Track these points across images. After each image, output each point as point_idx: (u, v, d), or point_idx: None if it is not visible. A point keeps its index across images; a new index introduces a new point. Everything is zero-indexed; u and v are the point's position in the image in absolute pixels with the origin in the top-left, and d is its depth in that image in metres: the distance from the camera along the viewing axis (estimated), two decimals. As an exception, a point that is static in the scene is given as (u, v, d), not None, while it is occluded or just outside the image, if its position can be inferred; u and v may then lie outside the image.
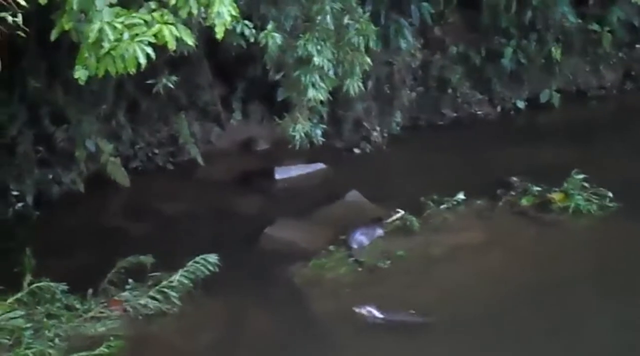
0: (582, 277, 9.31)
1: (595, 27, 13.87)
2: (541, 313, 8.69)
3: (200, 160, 12.30)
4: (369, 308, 8.72)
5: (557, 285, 9.10)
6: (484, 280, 9.23)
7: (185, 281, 8.89)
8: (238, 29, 8.60)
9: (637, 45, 14.42)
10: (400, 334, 8.56)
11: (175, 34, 6.94)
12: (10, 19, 6.83)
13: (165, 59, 9.35)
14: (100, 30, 6.69)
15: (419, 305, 8.81)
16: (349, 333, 8.65)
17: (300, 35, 9.24)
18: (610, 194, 10.46)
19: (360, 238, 9.99)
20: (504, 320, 8.55)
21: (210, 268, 8.92)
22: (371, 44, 9.75)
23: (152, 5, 7.05)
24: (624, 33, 14.14)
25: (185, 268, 8.93)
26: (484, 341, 8.32)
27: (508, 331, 8.42)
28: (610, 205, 10.43)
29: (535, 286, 9.08)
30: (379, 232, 10.16)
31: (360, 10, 9.71)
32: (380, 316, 8.69)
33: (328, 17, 9.18)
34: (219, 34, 7.24)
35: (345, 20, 9.47)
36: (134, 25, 6.80)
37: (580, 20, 13.64)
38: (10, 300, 8.46)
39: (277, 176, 11.99)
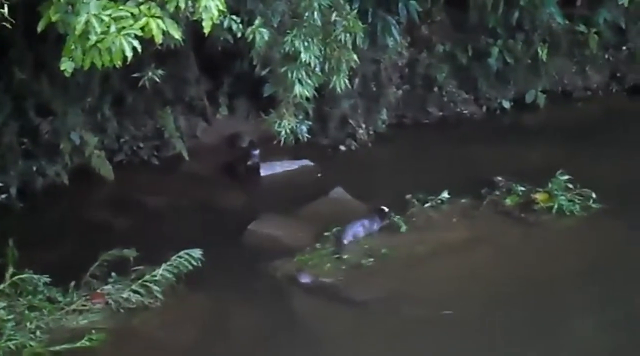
0: (563, 277, 9.35)
1: (582, 28, 13.87)
2: (522, 312, 8.73)
3: (185, 154, 12.27)
4: (303, 275, 9.24)
5: (539, 285, 9.15)
6: (466, 278, 9.26)
7: (169, 275, 8.90)
8: (225, 24, 8.58)
9: (624, 47, 14.43)
10: (385, 328, 8.59)
11: (162, 28, 6.91)
12: (-4, 10, 6.82)
13: (152, 53, 9.27)
14: (87, 23, 6.66)
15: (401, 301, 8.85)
16: (331, 328, 8.67)
17: (288, 31, 9.21)
18: (594, 195, 10.49)
19: (352, 232, 10.01)
20: (485, 318, 8.60)
21: (194, 262, 8.94)
22: (358, 41, 9.73)
23: (140, -2, 7.04)
24: (611, 34, 14.15)
25: (168, 263, 8.94)
26: (460, 337, 8.38)
27: (486, 329, 8.46)
28: (594, 205, 10.45)
29: (517, 286, 9.12)
30: (374, 228, 10.18)
31: (347, 7, 9.69)
32: (307, 281, 9.22)
33: (315, 13, 9.15)
34: (206, 28, 7.21)
35: (333, 17, 9.45)
36: (121, 18, 6.77)
37: (567, 21, 13.66)
38: (-8, 291, 8.47)
39: (262, 172, 11.99)
